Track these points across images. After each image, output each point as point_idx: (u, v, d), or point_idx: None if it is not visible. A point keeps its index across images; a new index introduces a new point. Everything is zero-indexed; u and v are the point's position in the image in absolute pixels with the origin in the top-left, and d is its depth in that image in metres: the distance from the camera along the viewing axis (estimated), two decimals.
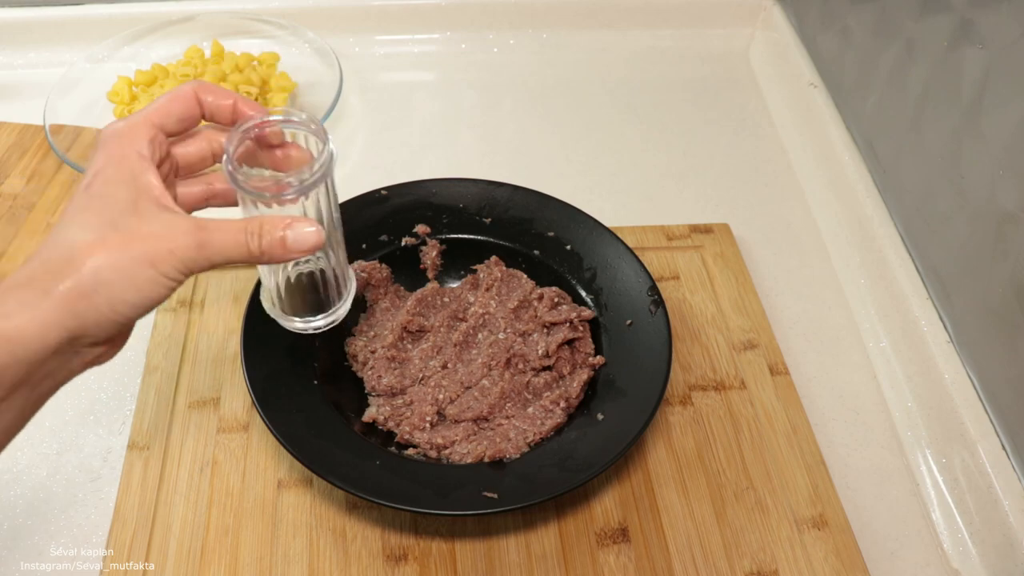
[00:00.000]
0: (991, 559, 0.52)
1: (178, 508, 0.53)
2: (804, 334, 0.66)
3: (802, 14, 0.87)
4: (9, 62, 0.89)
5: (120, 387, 0.60)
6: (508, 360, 0.58)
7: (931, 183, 0.62)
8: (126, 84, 0.80)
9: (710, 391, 0.60)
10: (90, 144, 0.76)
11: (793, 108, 0.84)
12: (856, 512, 0.55)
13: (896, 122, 0.67)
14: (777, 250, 0.73)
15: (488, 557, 0.52)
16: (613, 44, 0.95)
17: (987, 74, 0.56)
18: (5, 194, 0.73)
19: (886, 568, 0.53)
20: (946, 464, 0.57)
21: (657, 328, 0.57)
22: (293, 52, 0.87)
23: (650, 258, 0.68)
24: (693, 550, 0.52)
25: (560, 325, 0.59)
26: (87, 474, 0.56)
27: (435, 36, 0.94)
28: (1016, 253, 0.52)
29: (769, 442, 0.57)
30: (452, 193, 0.65)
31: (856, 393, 0.62)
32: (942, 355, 0.59)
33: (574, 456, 0.52)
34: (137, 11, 0.89)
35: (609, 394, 0.56)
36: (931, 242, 0.63)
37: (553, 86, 0.89)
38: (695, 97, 0.89)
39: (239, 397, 0.59)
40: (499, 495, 0.49)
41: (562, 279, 0.63)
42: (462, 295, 0.63)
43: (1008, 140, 0.53)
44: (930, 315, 0.61)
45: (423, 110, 0.86)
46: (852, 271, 0.70)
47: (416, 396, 0.57)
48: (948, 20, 0.60)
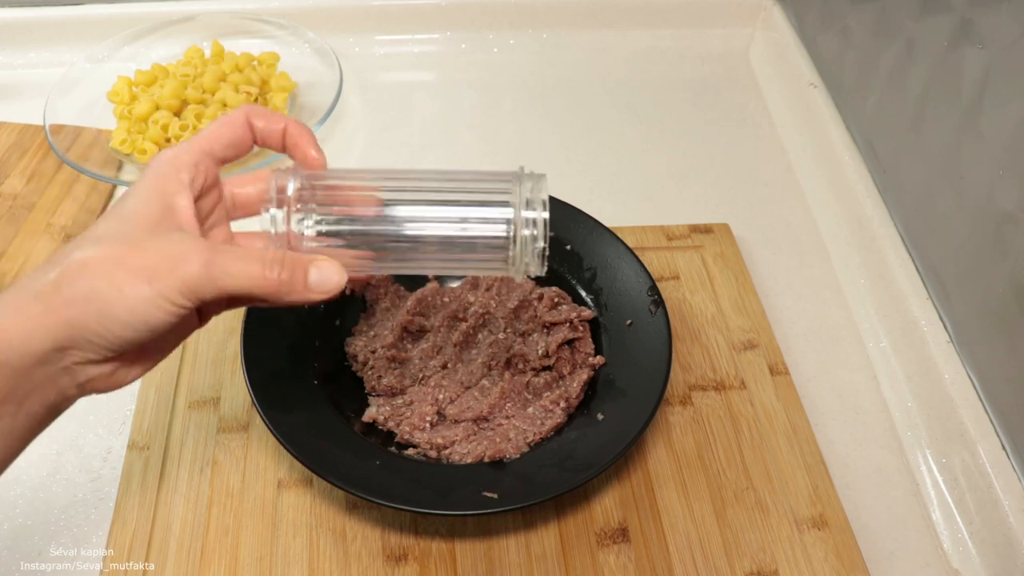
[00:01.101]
0: (991, 559, 0.52)
1: (178, 508, 0.53)
2: (804, 334, 0.66)
3: (802, 14, 0.87)
4: (9, 62, 0.89)
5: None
6: (508, 360, 0.58)
7: (931, 183, 0.62)
8: (126, 84, 0.80)
9: (710, 391, 0.60)
10: (90, 144, 0.76)
11: (793, 108, 0.84)
12: (856, 512, 0.55)
13: (896, 122, 0.67)
14: (777, 250, 0.73)
15: (488, 557, 0.52)
16: (613, 44, 0.95)
17: (987, 74, 0.56)
18: (5, 194, 0.73)
19: (886, 568, 0.53)
20: (946, 464, 0.57)
21: (657, 328, 0.57)
22: (293, 52, 0.87)
23: (650, 258, 0.68)
24: (693, 550, 0.52)
25: (560, 325, 0.59)
26: (87, 474, 0.56)
27: (435, 36, 0.94)
28: (1016, 253, 0.52)
29: (769, 442, 0.57)
30: None
31: (856, 393, 0.62)
32: (942, 355, 0.59)
33: (574, 456, 0.52)
34: (137, 11, 0.89)
35: (609, 394, 0.56)
36: (931, 242, 0.63)
37: (553, 86, 0.89)
38: (695, 97, 0.89)
39: (239, 397, 0.59)
40: (499, 495, 0.49)
41: (562, 279, 0.63)
42: (462, 295, 0.63)
43: (1008, 140, 0.53)
44: (930, 315, 0.61)
45: (423, 110, 0.86)
46: (852, 271, 0.70)
47: (416, 396, 0.57)
48: (948, 20, 0.60)
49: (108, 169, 0.75)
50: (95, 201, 0.73)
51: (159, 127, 0.76)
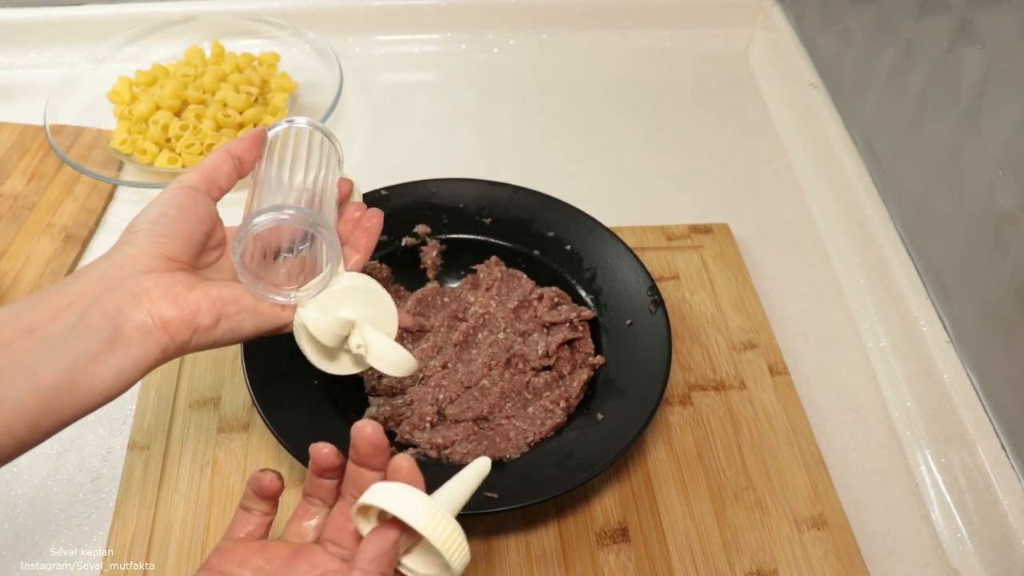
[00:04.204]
0: (990, 558, 0.52)
1: (178, 508, 0.53)
2: (804, 334, 0.66)
3: (802, 14, 0.87)
4: (9, 62, 0.89)
5: None
6: (508, 360, 0.58)
7: (931, 183, 0.62)
8: (126, 84, 0.80)
9: (710, 391, 0.60)
10: (91, 144, 0.77)
11: (793, 108, 0.84)
12: (855, 512, 0.55)
13: (896, 122, 0.67)
14: (777, 250, 0.73)
15: (488, 557, 0.52)
16: (613, 44, 0.95)
17: (987, 74, 0.56)
18: (6, 194, 0.73)
19: (885, 568, 0.53)
20: (945, 464, 0.57)
21: (657, 328, 0.57)
22: (293, 52, 0.87)
23: (650, 258, 0.68)
24: (693, 550, 0.52)
25: (560, 325, 0.59)
26: (87, 474, 0.56)
27: (435, 36, 0.94)
28: (1016, 253, 0.53)
29: (769, 442, 0.57)
30: (452, 193, 0.65)
31: (855, 393, 0.62)
32: (941, 355, 0.59)
33: (574, 456, 0.52)
34: (137, 11, 0.89)
35: (609, 394, 0.56)
36: (931, 242, 0.63)
37: (553, 86, 0.89)
38: (695, 97, 0.89)
39: (239, 397, 0.59)
40: (499, 495, 0.49)
41: (562, 279, 0.63)
42: (462, 295, 0.63)
43: (1008, 140, 0.53)
44: (929, 315, 0.61)
45: (423, 110, 0.87)
46: (852, 271, 0.70)
47: (416, 396, 0.57)
48: (948, 20, 0.60)
49: (108, 169, 0.75)
50: (96, 201, 0.74)
51: (159, 127, 0.76)
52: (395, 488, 0.34)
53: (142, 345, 0.37)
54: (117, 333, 0.37)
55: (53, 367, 0.35)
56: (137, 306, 0.38)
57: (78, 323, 0.36)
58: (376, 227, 0.47)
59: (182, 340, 0.39)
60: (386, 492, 0.34)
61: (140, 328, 0.37)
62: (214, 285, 0.40)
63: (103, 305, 0.37)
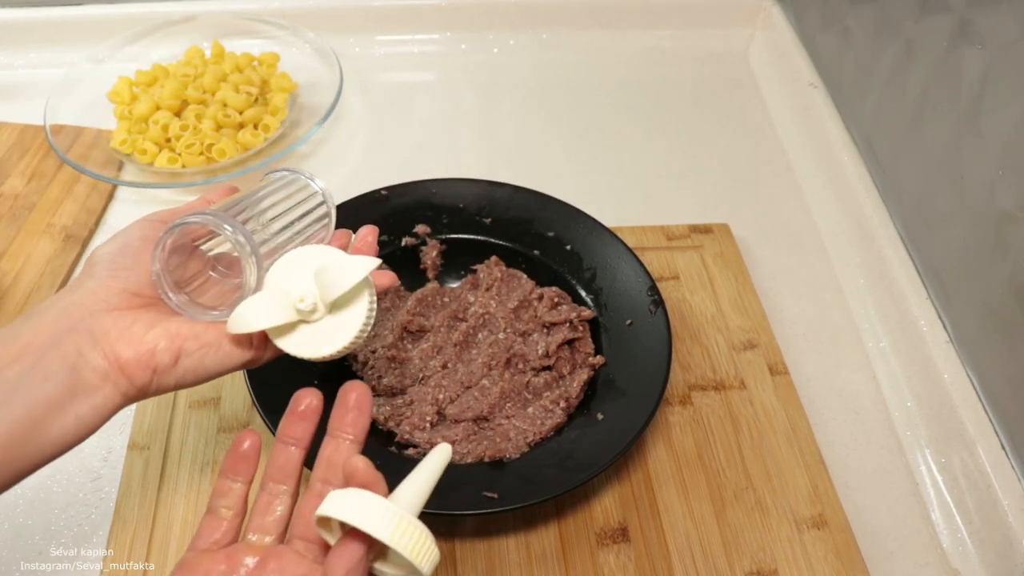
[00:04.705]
0: (990, 559, 0.52)
1: (178, 508, 0.53)
2: (804, 334, 0.66)
3: (802, 14, 0.87)
4: (9, 62, 0.89)
5: None
6: (508, 360, 0.58)
7: (931, 183, 0.62)
8: (126, 84, 0.80)
9: (710, 391, 0.60)
10: (91, 144, 0.77)
11: (793, 108, 0.84)
12: (855, 512, 0.55)
13: (896, 122, 0.67)
14: (777, 250, 0.73)
15: (488, 557, 0.52)
16: (613, 44, 0.95)
17: (987, 74, 0.56)
18: (6, 194, 0.73)
19: (885, 568, 0.53)
20: (945, 464, 0.57)
21: (657, 328, 0.57)
22: (293, 52, 0.87)
23: (650, 258, 0.68)
24: (693, 550, 0.52)
25: (560, 325, 0.59)
26: (87, 474, 0.56)
27: (435, 36, 0.94)
28: (1015, 253, 0.53)
29: (769, 442, 0.57)
30: (452, 193, 0.65)
31: (855, 393, 0.62)
32: (941, 355, 0.59)
33: (574, 456, 0.52)
34: (137, 11, 0.89)
35: (609, 394, 0.56)
36: (931, 242, 0.63)
37: (553, 86, 0.89)
38: (695, 97, 0.89)
39: (239, 397, 0.59)
40: (499, 495, 0.49)
41: (562, 279, 0.63)
42: (462, 295, 0.63)
43: (1008, 140, 0.53)
44: (929, 315, 0.61)
45: (423, 110, 0.87)
46: (852, 271, 0.70)
47: (416, 396, 0.57)
48: (948, 20, 0.60)
49: (108, 169, 0.75)
50: (95, 201, 0.74)
51: (159, 127, 0.76)
52: (354, 496, 0.32)
53: (100, 391, 0.36)
54: (75, 378, 0.35)
55: (10, 414, 0.33)
56: (95, 349, 0.36)
57: (33, 368, 0.34)
58: (371, 245, 0.45)
59: (142, 383, 0.37)
60: (345, 502, 0.32)
61: (98, 372, 0.36)
62: (175, 321, 0.38)
63: (61, 348, 0.35)
